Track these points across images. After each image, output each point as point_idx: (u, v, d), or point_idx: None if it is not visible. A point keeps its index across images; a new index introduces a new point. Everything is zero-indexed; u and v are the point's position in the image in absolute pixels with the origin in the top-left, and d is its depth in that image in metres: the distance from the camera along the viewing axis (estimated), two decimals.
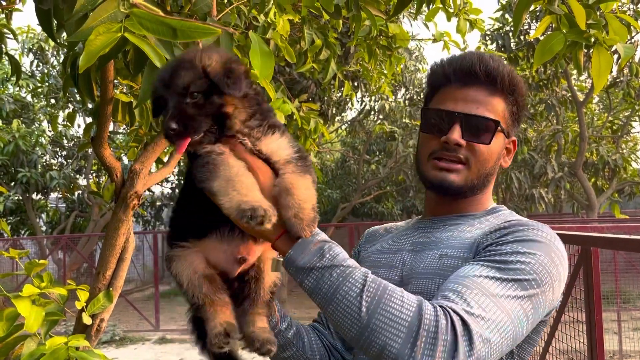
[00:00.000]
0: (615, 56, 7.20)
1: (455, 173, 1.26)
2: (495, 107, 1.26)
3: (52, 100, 11.99)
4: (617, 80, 10.78)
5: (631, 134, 13.98)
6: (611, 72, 1.53)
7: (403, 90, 13.75)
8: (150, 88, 1.11)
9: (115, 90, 1.97)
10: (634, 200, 14.25)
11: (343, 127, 15.33)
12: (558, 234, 1.24)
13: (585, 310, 2.29)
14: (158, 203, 16.77)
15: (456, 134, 1.23)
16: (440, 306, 1.03)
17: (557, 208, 15.62)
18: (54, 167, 13.34)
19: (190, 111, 1.03)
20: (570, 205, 13.54)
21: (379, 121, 13.06)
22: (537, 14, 9.16)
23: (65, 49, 1.96)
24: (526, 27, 10.24)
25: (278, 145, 1.12)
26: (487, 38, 10.54)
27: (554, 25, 1.57)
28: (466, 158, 1.26)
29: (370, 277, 1.05)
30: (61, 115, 12.81)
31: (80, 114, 11.29)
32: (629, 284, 8.84)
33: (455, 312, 1.01)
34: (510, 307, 1.06)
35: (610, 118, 12.75)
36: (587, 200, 10.94)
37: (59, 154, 13.95)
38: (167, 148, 2.61)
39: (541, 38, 1.96)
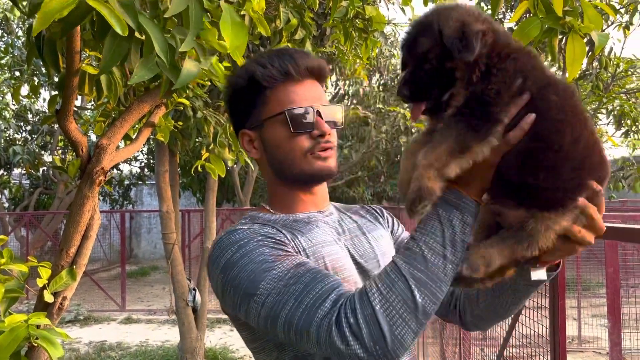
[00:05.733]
0: (586, 48, 7.32)
1: (332, 159, 1.33)
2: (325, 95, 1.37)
3: (17, 73, 11.57)
4: (587, 72, 10.99)
5: (598, 126, 14.30)
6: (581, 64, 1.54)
7: (377, 75, 13.77)
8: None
9: (82, 62, 1.89)
10: None
11: None
12: None
13: (549, 296, 2.34)
14: (126, 182, 16.47)
15: (326, 126, 1.29)
16: None
17: None
18: (17, 142, 12.93)
19: (424, 78, 1.02)
20: None
21: (352, 106, 13.06)
22: (512, 3, 9.24)
23: (30, 18, 1.87)
24: (501, 16, 10.33)
25: None
26: None
27: (530, 14, 1.57)
28: (334, 143, 1.33)
29: None
30: (25, 88, 12.39)
31: (46, 88, 10.92)
32: (589, 273, 9.11)
33: None
34: None
35: None
36: None
37: (23, 129, 13.51)
38: (136, 124, 2.53)
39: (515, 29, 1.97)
